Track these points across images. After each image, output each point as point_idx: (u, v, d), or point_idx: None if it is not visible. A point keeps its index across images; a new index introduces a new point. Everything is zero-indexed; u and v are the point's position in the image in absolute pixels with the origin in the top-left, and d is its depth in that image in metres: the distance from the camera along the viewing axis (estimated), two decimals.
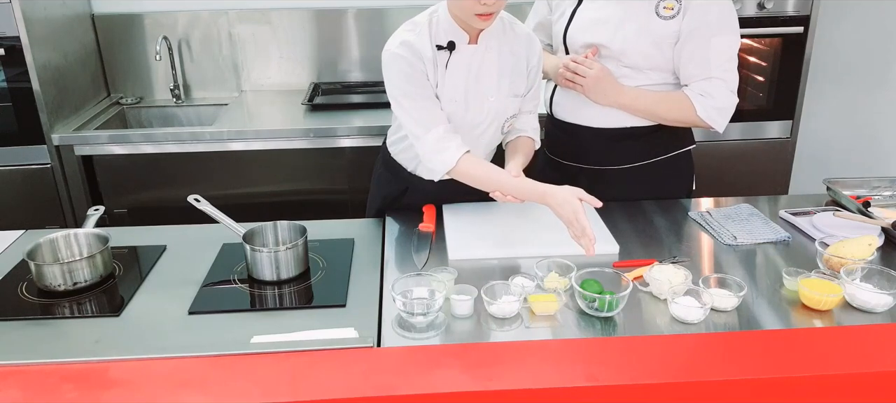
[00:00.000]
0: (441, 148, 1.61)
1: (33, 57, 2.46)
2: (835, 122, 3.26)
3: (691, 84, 1.75)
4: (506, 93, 1.70)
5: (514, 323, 1.33)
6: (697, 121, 1.76)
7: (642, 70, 1.76)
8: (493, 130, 1.74)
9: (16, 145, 2.55)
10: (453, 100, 1.65)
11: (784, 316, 1.35)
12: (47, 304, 1.43)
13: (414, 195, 1.86)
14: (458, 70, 1.63)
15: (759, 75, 2.74)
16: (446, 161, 1.61)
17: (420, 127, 1.62)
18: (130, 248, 1.67)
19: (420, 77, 1.61)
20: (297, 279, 1.52)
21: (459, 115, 1.67)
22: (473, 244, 1.65)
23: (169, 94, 3.02)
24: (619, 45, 1.74)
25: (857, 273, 1.41)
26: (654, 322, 1.34)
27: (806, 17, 2.59)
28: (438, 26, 1.61)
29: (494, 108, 1.70)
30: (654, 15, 1.71)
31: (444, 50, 1.61)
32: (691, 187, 1.98)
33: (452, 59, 1.62)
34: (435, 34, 1.61)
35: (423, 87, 1.61)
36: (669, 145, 1.87)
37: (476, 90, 1.66)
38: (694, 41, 1.70)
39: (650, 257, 1.57)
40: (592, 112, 1.83)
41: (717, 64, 1.71)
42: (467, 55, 1.63)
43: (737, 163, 2.80)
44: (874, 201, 1.80)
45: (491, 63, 1.66)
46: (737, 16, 1.73)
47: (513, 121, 1.77)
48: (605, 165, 1.88)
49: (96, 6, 2.94)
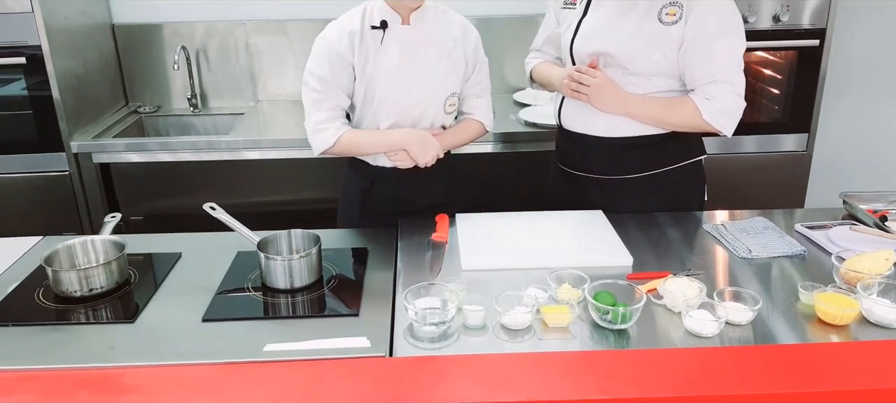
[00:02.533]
0: (322, 128, 1.77)
1: (54, 65, 2.50)
2: (851, 136, 3.23)
3: (696, 88, 1.75)
4: (444, 71, 1.79)
5: (526, 335, 1.33)
6: (704, 126, 1.76)
7: (649, 77, 1.77)
8: (434, 108, 1.80)
9: (35, 152, 2.59)
10: (389, 75, 1.74)
11: (800, 331, 1.34)
12: (63, 310, 1.45)
13: (381, 189, 1.88)
14: (392, 47, 1.74)
15: (774, 88, 2.72)
16: (325, 139, 1.77)
17: (313, 105, 1.77)
18: (146, 255, 1.69)
19: (341, 69, 1.74)
20: (310, 287, 1.52)
21: (398, 91, 1.75)
22: (486, 254, 1.65)
23: (186, 103, 3.05)
24: (624, 52, 1.75)
25: (874, 288, 1.39)
26: (667, 335, 1.33)
27: (822, 30, 2.58)
28: (372, 11, 1.75)
29: (432, 85, 1.78)
30: (658, 21, 1.72)
31: (377, 29, 1.73)
32: (703, 198, 1.97)
33: (387, 37, 1.73)
34: (369, 17, 1.74)
35: (336, 76, 1.74)
36: (679, 155, 1.87)
37: (413, 67, 1.75)
38: (697, 45, 1.71)
39: (664, 269, 1.56)
40: (600, 122, 1.84)
41: (721, 67, 1.72)
42: (402, 34, 1.74)
43: (752, 176, 2.78)
44: (891, 215, 1.78)
45: (426, 43, 1.77)
46: (740, 19, 1.74)
47: (457, 101, 1.86)
48: (615, 174, 1.89)
49: (116, 16, 2.98)
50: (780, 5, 2.54)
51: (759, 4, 2.54)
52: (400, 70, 1.74)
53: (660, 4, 1.72)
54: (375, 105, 1.77)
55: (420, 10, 1.75)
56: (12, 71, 2.49)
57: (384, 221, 1.82)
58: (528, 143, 2.59)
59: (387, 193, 1.88)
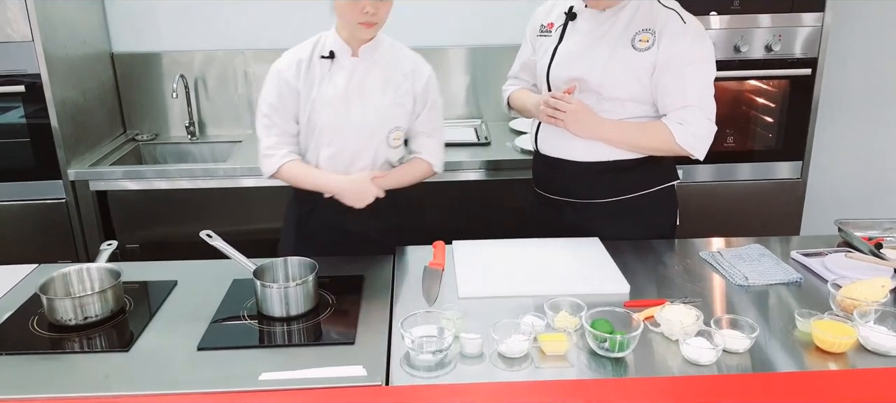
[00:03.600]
0: (270, 154, 1.82)
1: (53, 94, 2.51)
2: (845, 163, 3.25)
3: (669, 113, 1.78)
4: (389, 103, 1.82)
5: (523, 363, 1.32)
6: (677, 149, 1.79)
7: (623, 102, 1.80)
8: (378, 138, 1.82)
9: (32, 180, 2.59)
10: (333, 104, 1.78)
11: (798, 359, 1.34)
12: (58, 339, 1.44)
13: (319, 217, 1.88)
14: (338, 76, 1.79)
15: (768, 116, 2.74)
16: (271, 164, 1.82)
17: (263, 130, 1.82)
18: (141, 283, 1.68)
19: (288, 95, 1.79)
20: (306, 315, 1.52)
21: (341, 119, 1.78)
22: (483, 282, 1.64)
23: (184, 131, 3.06)
24: (599, 77, 1.78)
25: (871, 315, 1.39)
26: (665, 363, 1.33)
27: (813, 59, 2.61)
28: (324, 42, 1.81)
29: (374, 116, 1.80)
30: (631, 47, 1.77)
31: (326, 59, 1.78)
32: (675, 222, 2.00)
33: (334, 67, 1.79)
34: (321, 48, 1.80)
35: (283, 102, 1.79)
36: (653, 180, 1.91)
37: (356, 97, 1.79)
38: (669, 71, 1.75)
39: (661, 297, 1.56)
40: (576, 147, 1.86)
41: (693, 92, 1.76)
42: (349, 65, 1.79)
43: (747, 204, 2.79)
44: (886, 242, 1.79)
45: (374, 75, 1.81)
46: (711, 45, 1.79)
47: (402, 136, 1.88)
48: (590, 198, 1.91)
49: (116, 45, 3.01)
50: (772, 35, 2.57)
51: (751, 34, 2.57)
52: (342, 98, 1.78)
53: (633, 31, 1.77)
54: (317, 131, 1.79)
55: (372, 44, 1.79)
56: (11, 99, 2.51)
57: (321, 249, 1.77)
58: (525, 171, 2.60)
59: (324, 221, 1.88)
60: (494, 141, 2.79)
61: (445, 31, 3.03)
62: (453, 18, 3.01)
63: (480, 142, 2.79)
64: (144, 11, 2.98)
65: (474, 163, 2.60)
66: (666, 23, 1.74)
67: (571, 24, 1.86)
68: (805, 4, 2.55)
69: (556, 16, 1.92)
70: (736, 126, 2.74)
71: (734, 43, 2.57)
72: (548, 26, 1.93)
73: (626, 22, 1.78)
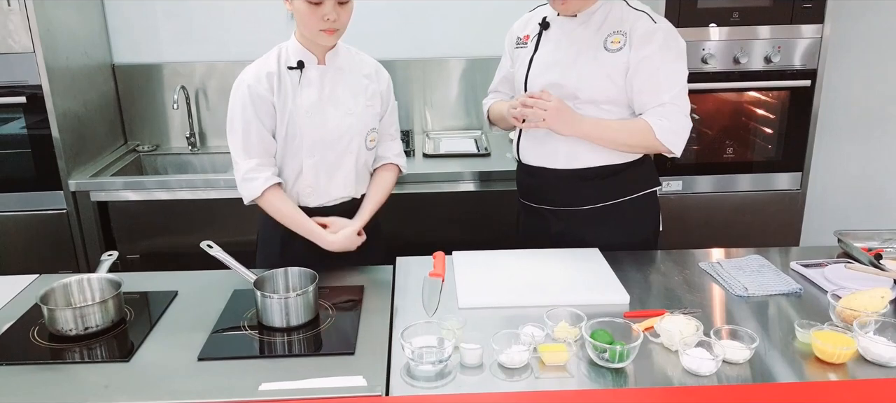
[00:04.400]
0: (251, 177, 1.76)
1: (54, 105, 2.52)
2: (845, 174, 3.26)
3: (646, 111, 1.81)
4: (362, 106, 1.82)
5: (523, 373, 1.32)
6: (657, 146, 1.81)
7: (599, 104, 1.83)
8: (357, 143, 1.82)
9: (33, 190, 2.60)
10: (310, 114, 1.76)
11: (797, 369, 1.34)
12: (58, 349, 1.44)
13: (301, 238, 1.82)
14: (311, 86, 1.77)
15: (767, 127, 2.75)
16: (253, 189, 1.76)
17: (242, 153, 1.77)
18: (142, 294, 1.69)
19: (264, 111, 1.75)
20: (306, 326, 1.52)
21: (318, 128, 1.77)
22: (483, 292, 1.65)
23: (185, 142, 3.07)
24: (574, 81, 1.82)
25: (871, 325, 1.39)
26: (665, 373, 1.33)
27: (813, 70, 2.62)
28: (288, 53, 1.78)
29: (352, 119, 1.80)
30: (603, 49, 1.81)
31: (295, 69, 1.76)
32: (659, 228, 2.02)
33: (304, 76, 1.77)
34: (285, 59, 1.77)
35: (260, 117, 1.75)
36: (636, 185, 1.93)
37: (332, 104, 1.79)
38: (644, 71, 1.78)
39: (661, 307, 1.56)
40: (557, 155, 1.89)
41: (667, 89, 1.79)
42: (318, 73, 1.78)
43: (747, 214, 2.79)
44: (886, 253, 1.79)
45: (342, 80, 1.80)
46: (682, 42, 1.82)
47: (376, 137, 1.88)
48: (574, 206, 1.93)
49: (117, 56, 3.02)
50: (771, 47, 2.58)
51: (750, 46, 2.59)
52: (318, 106, 1.77)
53: (604, 34, 1.81)
54: (297, 142, 1.78)
55: (333, 50, 1.79)
56: (12, 110, 2.52)
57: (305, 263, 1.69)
58: None
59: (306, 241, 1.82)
60: (494, 151, 2.80)
61: (445, 42, 3.04)
62: (453, 29, 3.02)
63: (480, 152, 2.80)
64: (146, 23, 2.99)
65: (474, 173, 2.61)
66: (635, 24, 1.79)
67: (545, 33, 1.91)
68: (804, 16, 2.56)
69: (531, 28, 1.96)
70: (736, 137, 2.74)
71: (734, 54, 2.58)
72: (524, 38, 1.97)
73: (597, 26, 1.82)
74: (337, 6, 1.67)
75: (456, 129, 3.13)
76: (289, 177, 1.82)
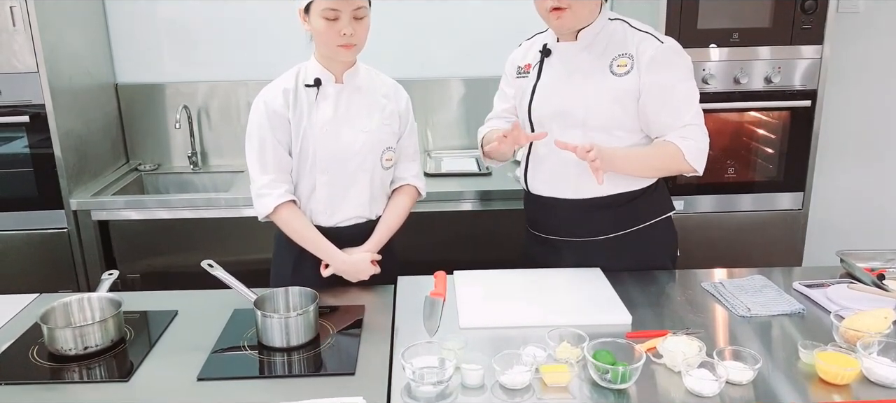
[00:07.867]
0: (265, 193, 1.77)
1: (57, 124, 2.53)
2: (847, 194, 3.26)
3: (669, 133, 1.76)
4: (377, 124, 1.82)
5: (525, 395, 1.31)
6: (686, 167, 1.76)
7: (609, 131, 1.78)
8: (371, 161, 1.82)
9: (34, 209, 2.60)
10: (323, 129, 1.77)
11: (801, 391, 1.33)
12: (57, 368, 1.43)
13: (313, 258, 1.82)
14: (327, 103, 1.78)
15: (768, 147, 2.75)
16: (266, 205, 1.77)
17: (258, 167, 1.79)
18: (142, 313, 1.68)
19: (280, 126, 1.77)
20: (306, 346, 1.51)
21: (331, 144, 1.78)
22: (485, 312, 1.64)
23: (186, 161, 3.08)
24: (582, 109, 1.77)
25: (874, 346, 1.38)
26: (667, 395, 1.31)
27: (813, 91, 2.63)
28: (307, 71, 1.80)
29: (366, 138, 1.80)
30: (610, 73, 1.76)
31: (311, 87, 1.78)
32: (676, 254, 1.98)
33: (321, 94, 1.78)
34: (303, 77, 1.80)
35: (275, 133, 1.77)
36: (649, 213, 1.88)
37: (346, 121, 1.79)
38: (660, 95, 1.73)
39: (663, 328, 1.55)
40: (567, 184, 1.84)
41: (686, 108, 1.75)
42: (335, 91, 1.79)
43: (749, 235, 2.79)
44: (889, 273, 1.78)
45: (359, 100, 1.81)
46: (689, 58, 1.78)
47: (393, 157, 1.87)
48: (586, 236, 1.88)
49: (120, 76, 3.04)
50: (771, 67, 2.59)
51: (751, 66, 2.60)
52: (333, 123, 1.78)
53: (609, 58, 1.77)
54: (311, 159, 1.78)
55: (353, 69, 1.80)
56: (15, 129, 2.52)
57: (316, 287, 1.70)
58: None
59: (317, 265, 1.83)
60: (496, 171, 2.80)
61: (447, 62, 3.06)
62: (455, 49, 3.04)
63: (482, 172, 2.80)
64: (149, 43, 3.01)
65: (476, 193, 2.61)
66: (641, 46, 1.74)
67: (547, 60, 1.85)
68: (804, 37, 2.57)
69: (532, 56, 1.91)
70: (737, 157, 2.74)
71: (734, 75, 2.59)
72: (525, 68, 1.92)
73: (601, 49, 1.78)
74: (353, 21, 1.68)
75: (457, 149, 3.14)
76: (303, 195, 1.82)
